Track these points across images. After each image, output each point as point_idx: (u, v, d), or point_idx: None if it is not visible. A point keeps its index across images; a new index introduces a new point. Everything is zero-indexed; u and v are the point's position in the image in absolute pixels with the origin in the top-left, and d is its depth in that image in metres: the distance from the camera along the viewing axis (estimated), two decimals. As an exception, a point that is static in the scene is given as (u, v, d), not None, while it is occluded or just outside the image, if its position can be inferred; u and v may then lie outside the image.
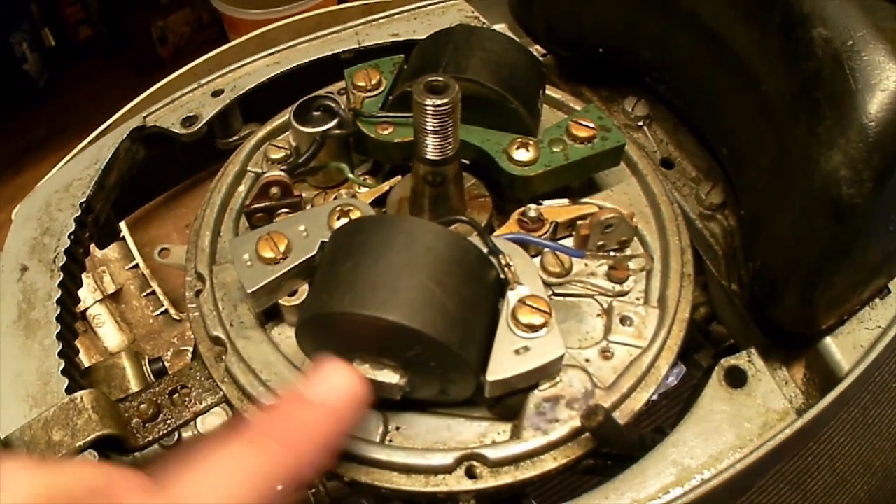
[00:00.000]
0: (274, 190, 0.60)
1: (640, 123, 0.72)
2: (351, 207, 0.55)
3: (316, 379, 0.43)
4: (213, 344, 0.59)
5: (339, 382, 0.43)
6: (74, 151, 0.81)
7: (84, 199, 0.70)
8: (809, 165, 0.51)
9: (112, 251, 1.28)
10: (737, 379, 0.56)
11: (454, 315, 0.46)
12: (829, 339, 0.61)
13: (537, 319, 0.49)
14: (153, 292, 1.21)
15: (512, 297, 0.50)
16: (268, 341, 0.57)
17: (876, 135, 0.49)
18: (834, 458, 0.97)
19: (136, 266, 1.24)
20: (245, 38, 1.08)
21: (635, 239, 0.61)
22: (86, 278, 1.22)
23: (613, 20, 0.68)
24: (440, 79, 0.50)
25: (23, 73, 1.51)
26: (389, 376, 0.49)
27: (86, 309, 1.22)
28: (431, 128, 0.50)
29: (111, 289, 1.25)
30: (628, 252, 0.59)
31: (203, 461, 0.38)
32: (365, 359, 0.49)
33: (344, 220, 0.55)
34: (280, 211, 0.61)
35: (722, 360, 0.56)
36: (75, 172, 0.73)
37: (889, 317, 0.63)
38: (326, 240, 0.54)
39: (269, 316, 0.58)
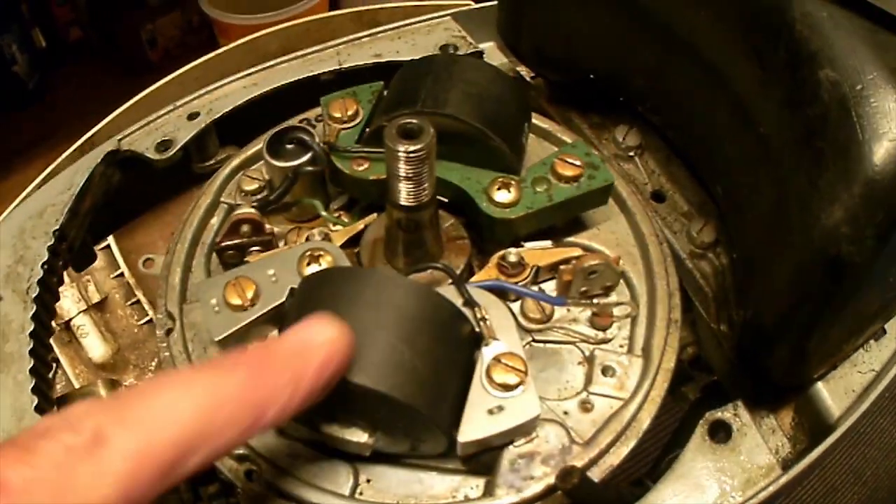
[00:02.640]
0: (245, 228, 0.58)
1: (632, 154, 0.69)
2: (321, 252, 0.53)
3: (297, 326, 0.41)
4: (184, 384, 0.57)
5: (319, 329, 0.40)
6: (49, 168, 0.79)
7: (58, 226, 0.69)
8: (808, 219, 0.48)
9: (97, 260, 1.26)
10: (721, 433, 0.54)
11: (424, 376, 0.44)
12: (819, 385, 0.59)
13: (512, 378, 0.47)
14: (138, 301, 1.20)
15: (487, 353, 0.48)
16: (238, 384, 0.56)
17: (881, 189, 0.45)
18: (825, 468, 0.96)
19: (122, 275, 1.22)
20: (231, 45, 1.06)
21: (621, 282, 0.58)
22: (70, 288, 1.20)
23: (606, 45, 0.66)
24: (414, 121, 0.47)
25: (12, 75, 1.48)
26: (358, 435, 0.47)
27: (70, 319, 1.20)
28: (404, 174, 0.48)
29: (96, 298, 1.23)
30: (612, 298, 0.56)
31: (161, 380, 0.36)
32: (334, 416, 0.48)
33: (314, 266, 0.53)
34: (252, 248, 0.59)
35: (707, 414, 0.54)
36: (49, 197, 0.71)
37: (884, 359, 0.61)
38: (295, 286, 0.52)
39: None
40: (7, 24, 1.43)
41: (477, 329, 0.49)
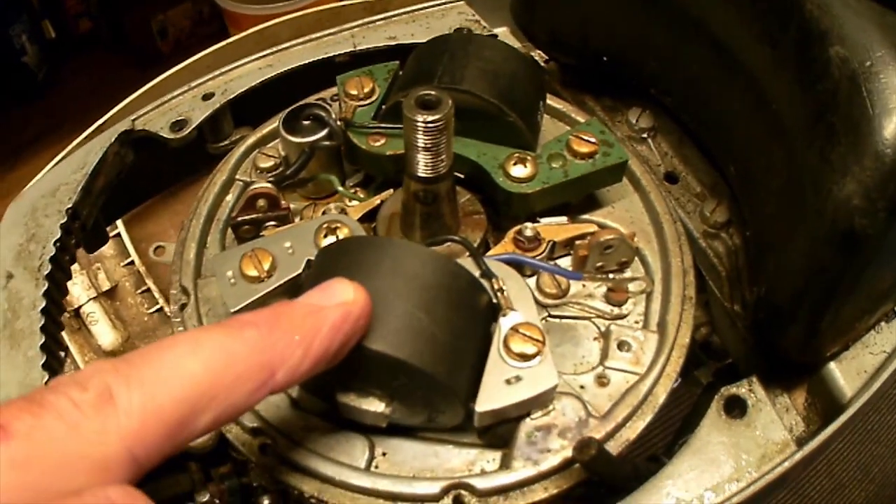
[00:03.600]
0: (261, 202, 0.58)
1: (645, 136, 0.69)
2: (338, 224, 0.53)
3: (313, 290, 0.41)
4: (199, 359, 0.57)
5: (335, 291, 0.40)
6: (63, 153, 0.80)
7: (70, 204, 0.68)
8: (821, 193, 0.49)
9: (107, 248, 1.26)
10: (737, 409, 0.54)
11: (443, 344, 0.44)
12: (832, 365, 0.59)
13: (530, 348, 0.47)
14: (148, 289, 1.20)
15: (504, 323, 0.48)
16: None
17: (892, 162, 0.46)
18: (832, 464, 0.95)
19: (132, 263, 1.22)
20: (243, 34, 1.06)
21: (636, 259, 0.58)
22: (80, 275, 1.20)
23: (619, 28, 0.66)
24: (432, 93, 0.47)
25: (22, 66, 1.49)
26: (375, 405, 0.47)
27: (80, 306, 1.21)
28: (422, 145, 0.48)
29: (106, 286, 1.23)
30: (628, 274, 0.57)
31: (170, 340, 0.36)
32: (351, 385, 0.48)
33: (331, 238, 0.53)
34: (267, 224, 0.59)
35: (722, 389, 0.54)
36: (62, 177, 0.71)
37: (894, 340, 0.61)
38: (312, 258, 0.52)
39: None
40: (17, 14, 1.43)
41: (494, 300, 0.49)
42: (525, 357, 0.47)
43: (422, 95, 0.47)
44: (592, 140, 0.57)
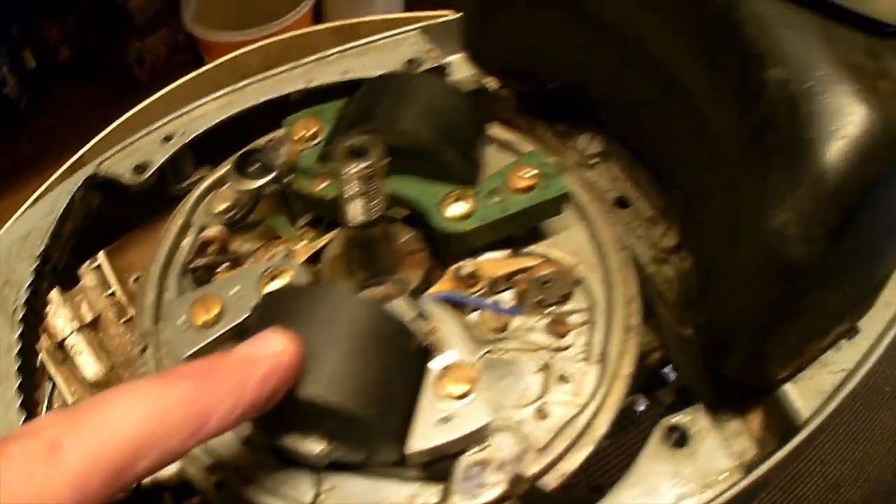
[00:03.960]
0: (212, 248, 0.60)
1: (595, 161, 0.70)
2: (282, 270, 0.55)
3: (248, 340, 0.44)
4: (159, 400, 0.59)
5: (267, 342, 0.43)
6: (35, 195, 0.82)
7: (41, 249, 0.71)
8: (755, 222, 0.48)
9: (89, 279, 1.29)
10: (679, 438, 0.55)
11: (372, 388, 0.46)
12: (787, 386, 0.59)
13: (460, 388, 0.49)
14: (131, 319, 1.22)
15: (436, 364, 0.50)
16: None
17: (831, 188, 0.45)
18: (826, 464, 0.96)
19: (113, 293, 1.24)
20: (213, 64, 1.08)
21: (580, 290, 0.59)
22: (63, 307, 1.23)
23: (566, 56, 0.67)
24: (361, 140, 0.49)
25: (3, 98, 1.51)
26: (313, 445, 0.49)
27: (64, 339, 1.24)
28: (353, 193, 0.49)
29: (89, 317, 1.25)
30: (569, 306, 0.58)
31: (114, 392, 0.39)
32: (290, 427, 0.49)
33: (275, 283, 0.55)
34: (220, 268, 0.60)
35: (663, 419, 0.55)
36: (33, 222, 0.74)
37: (855, 358, 0.61)
38: (258, 303, 0.53)
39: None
40: (-3, 46, 1.45)
41: (427, 341, 0.50)
42: (456, 397, 0.48)
43: (351, 143, 0.49)
44: (532, 173, 0.58)
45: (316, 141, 0.61)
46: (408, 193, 0.58)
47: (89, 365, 1.17)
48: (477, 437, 0.50)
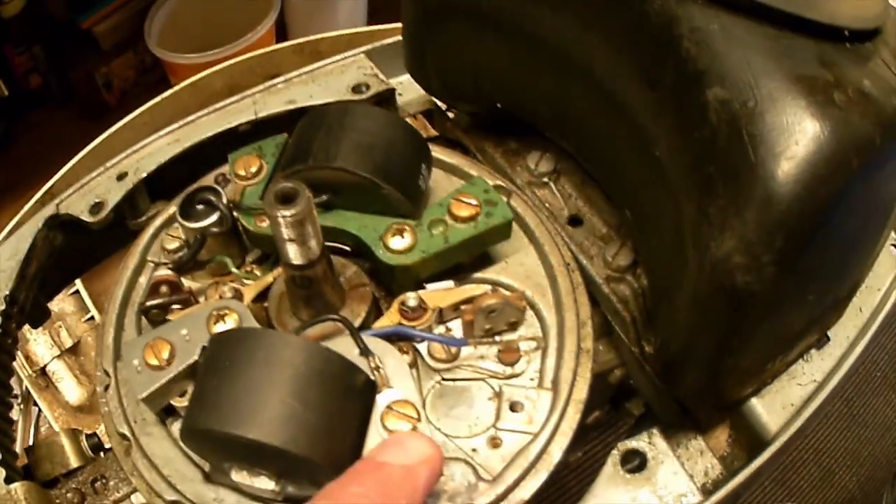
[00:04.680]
0: (164, 289, 0.60)
1: (546, 180, 0.70)
2: (227, 311, 0.55)
3: (392, 446, 0.46)
4: (122, 439, 0.59)
5: (415, 447, 0.45)
6: (14, 221, 0.84)
7: (8, 291, 0.72)
8: (700, 249, 0.47)
9: (68, 304, 1.30)
10: (635, 463, 0.55)
11: (317, 428, 0.47)
12: (754, 401, 0.59)
13: (404, 425, 0.49)
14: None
15: (381, 401, 0.51)
16: (168, 437, 0.59)
17: (779, 213, 0.43)
18: (820, 452, 0.96)
19: (92, 318, 1.25)
20: (177, 87, 1.08)
21: (531, 315, 0.60)
22: (42, 334, 1.23)
23: (508, 75, 0.66)
24: (289, 185, 0.48)
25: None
26: (265, 483, 0.50)
27: (45, 365, 1.24)
28: (287, 237, 0.49)
29: (68, 343, 1.26)
30: (517, 334, 0.58)
31: None
32: (242, 466, 0.50)
33: (220, 325, 0.55)
34: (173, 307, 0.61)
35: (619, 444, 0.55)
36: (-2, 264, 0.74)
37: (825, 369, 0.60)
38: (206, 343, 0.54)
39: (169, 412, 0.59)
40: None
41: (372, 377, 0.50)
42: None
43: (280, 189, 0.49)
44: (474, 202, 0.58)
45: (259, 178, 0.61)
46: (349, 228, 0.58)
47: (71, 390, 1.18)
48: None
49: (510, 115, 0.69)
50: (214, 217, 0.60)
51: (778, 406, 0.59)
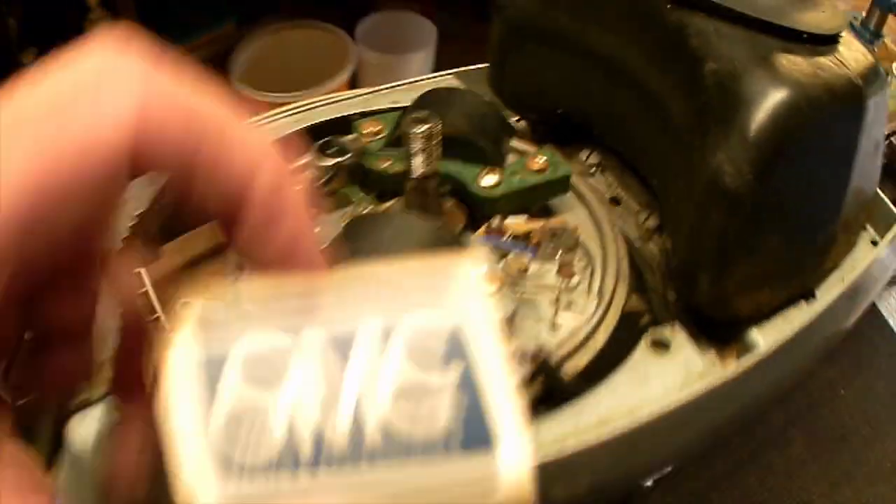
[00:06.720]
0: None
1: (593, 171, 0.89)
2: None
3: None
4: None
5: None
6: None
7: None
8: (701, 167, 0.67)
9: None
10: (661, 346, 0.70)
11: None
12: (753, 329, 0.75)
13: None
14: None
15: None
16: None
17: (752, 138, 0.64)
18: None
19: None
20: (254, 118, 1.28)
21: (581, 250, 0.77)
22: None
23: (568, 84, 0.87)
24: (423, 113, 0.68)
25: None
26: None
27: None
28: (418, 148, 0.68)
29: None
30: (574, 256, 0.75)
31: None
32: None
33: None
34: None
35: (650, 329, 0.71)
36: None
37: (813, 314, 0.77)
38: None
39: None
40: None
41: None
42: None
43: (416, 114, 0.68)
44: (543, 160, 0.77)
45: (380, 136, 0.81)
46: (452, 171, 0.76)
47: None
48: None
49: (567, 119, 0.90)
50: (345, 157, 0.79)
51: (774, 333, 0.74)
